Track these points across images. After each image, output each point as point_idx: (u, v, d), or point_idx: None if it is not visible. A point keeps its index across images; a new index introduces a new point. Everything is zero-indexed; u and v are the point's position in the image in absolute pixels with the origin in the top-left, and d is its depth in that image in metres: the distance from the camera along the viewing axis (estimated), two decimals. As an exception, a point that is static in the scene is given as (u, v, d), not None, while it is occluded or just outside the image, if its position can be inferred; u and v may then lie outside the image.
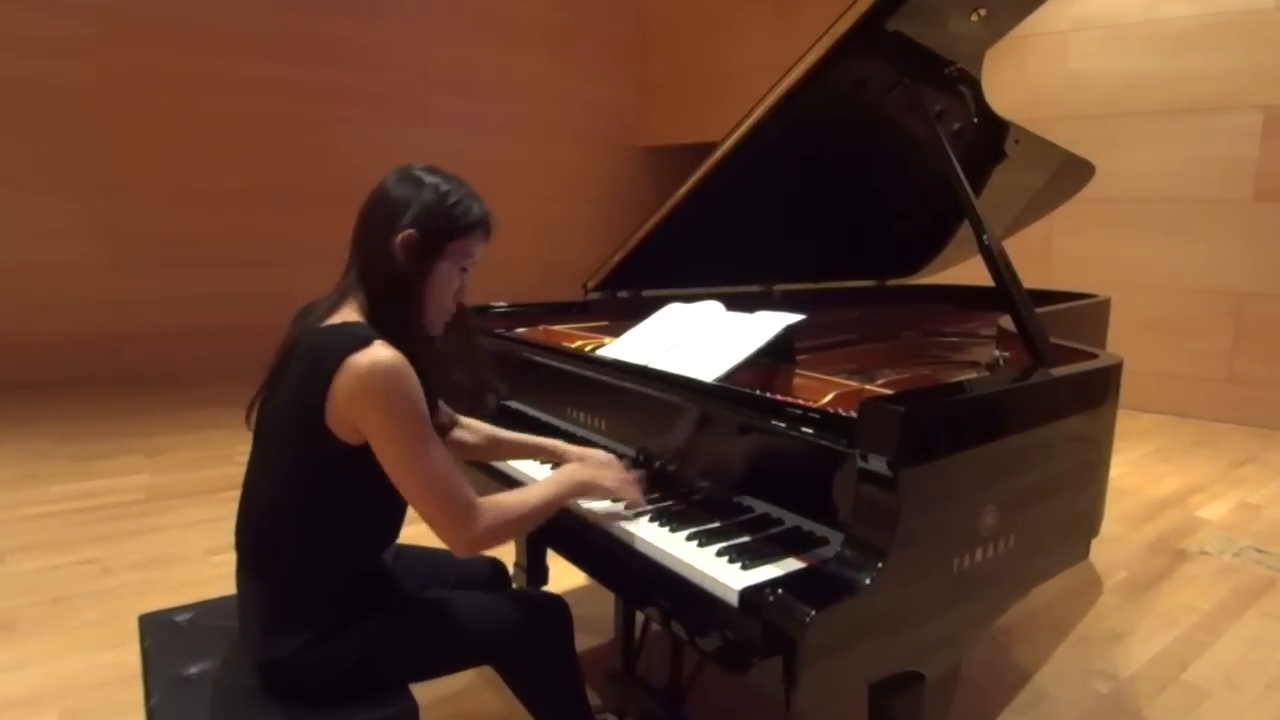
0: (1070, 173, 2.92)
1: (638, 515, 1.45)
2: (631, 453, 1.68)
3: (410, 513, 1.40)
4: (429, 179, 1.34)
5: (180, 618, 1.55)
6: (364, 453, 1.26)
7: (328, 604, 1.33)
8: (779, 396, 1.43)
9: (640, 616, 1.93)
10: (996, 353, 1.88)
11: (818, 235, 2.67)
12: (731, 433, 1.46)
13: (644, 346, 1.78)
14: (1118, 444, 2.03)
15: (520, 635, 1.43)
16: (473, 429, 1.67)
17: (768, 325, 1.67)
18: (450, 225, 1.33)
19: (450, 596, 1.47)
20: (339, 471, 1.28)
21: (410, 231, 1.30)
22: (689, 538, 1.33)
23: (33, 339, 5.41)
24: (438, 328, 1.41)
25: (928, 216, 2.78)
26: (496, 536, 1.31)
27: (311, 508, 1.31)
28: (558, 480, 1.44)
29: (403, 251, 1.31)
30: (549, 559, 2.44)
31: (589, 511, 1.49)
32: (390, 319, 1.31)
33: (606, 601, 2.15)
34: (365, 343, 1.22)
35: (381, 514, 1.40)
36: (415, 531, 1.48)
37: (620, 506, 1.49)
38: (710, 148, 1.96)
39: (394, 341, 1.25)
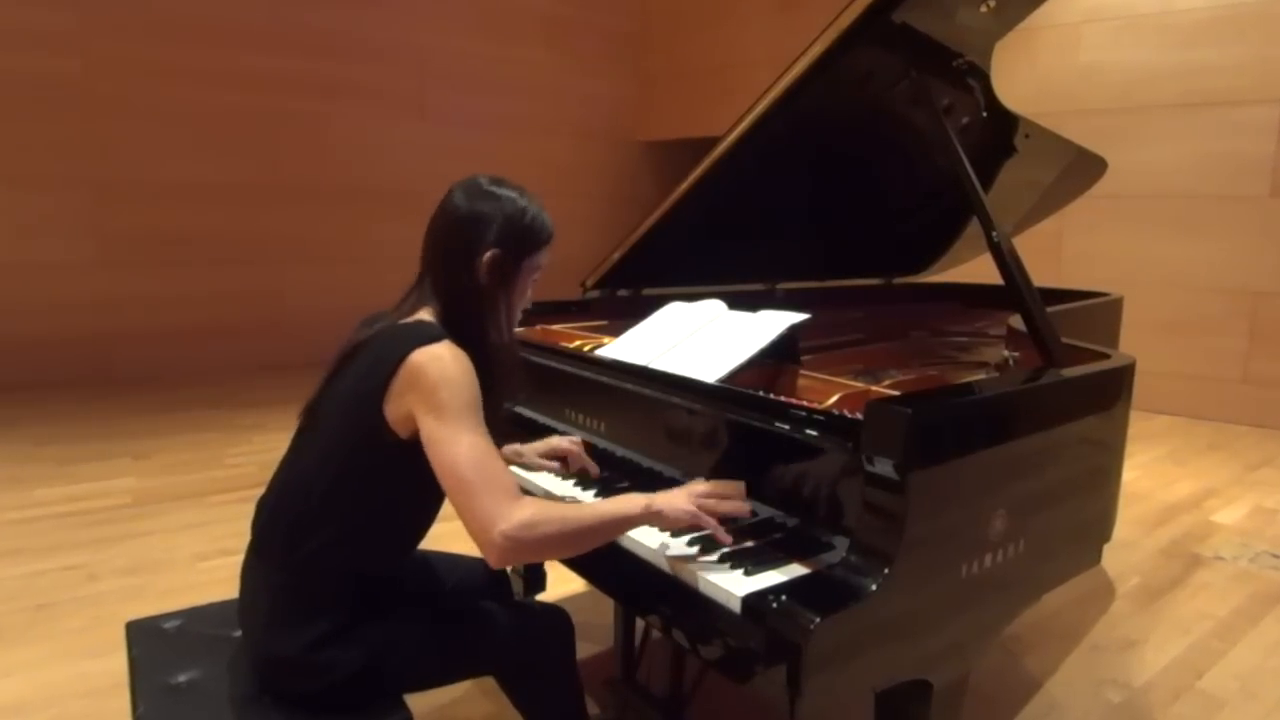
0: (1082, 168, 2.91)
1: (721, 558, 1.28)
2: (632, 455, 1.68)
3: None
4: (503, 193, 1.39)
5: (168, 625, 1.55)
6: (410, 449, 1.28)
7: (338, 603, 1.34)
8: (783, 398, 1.43)
9: (641, 624, 1.93)
10: (1006, 353, 1.87)
11: (822, 232, 2.67)
12: (734, 435, 1.46)
13: (644, 346, 1.78)
14: (1130, 447, 2.03)
15: (522, 647, 1.43)
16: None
17: (771, 325, 1.67)
18: (530, 241, 1.40)
19: (452, 605, 1.48)
20: (383, 465, 1.32)
21: (495, 251, 1.36)
22: (690, 543, 1.33)
23: (17, 339, 5.42)
24: (510, 334, 1.46)
25: (935, 213, 2.78)
26: (536, 535, 1.19)
27: (347, 500, 1.33)
28: (626, 499, 1.30)
29: (487, 270, 1.37)
30: (547, 564, 2.44)
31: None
32: (467, 330, 1.36)
33: (606, 608, 2.15)
34: (435, 340, 1.28)
35: (410, 519, 1.43)
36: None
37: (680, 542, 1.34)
38: (712, 142, 1.95)
39: (468, 349, 1.30)
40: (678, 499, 1.28)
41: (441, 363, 1.25)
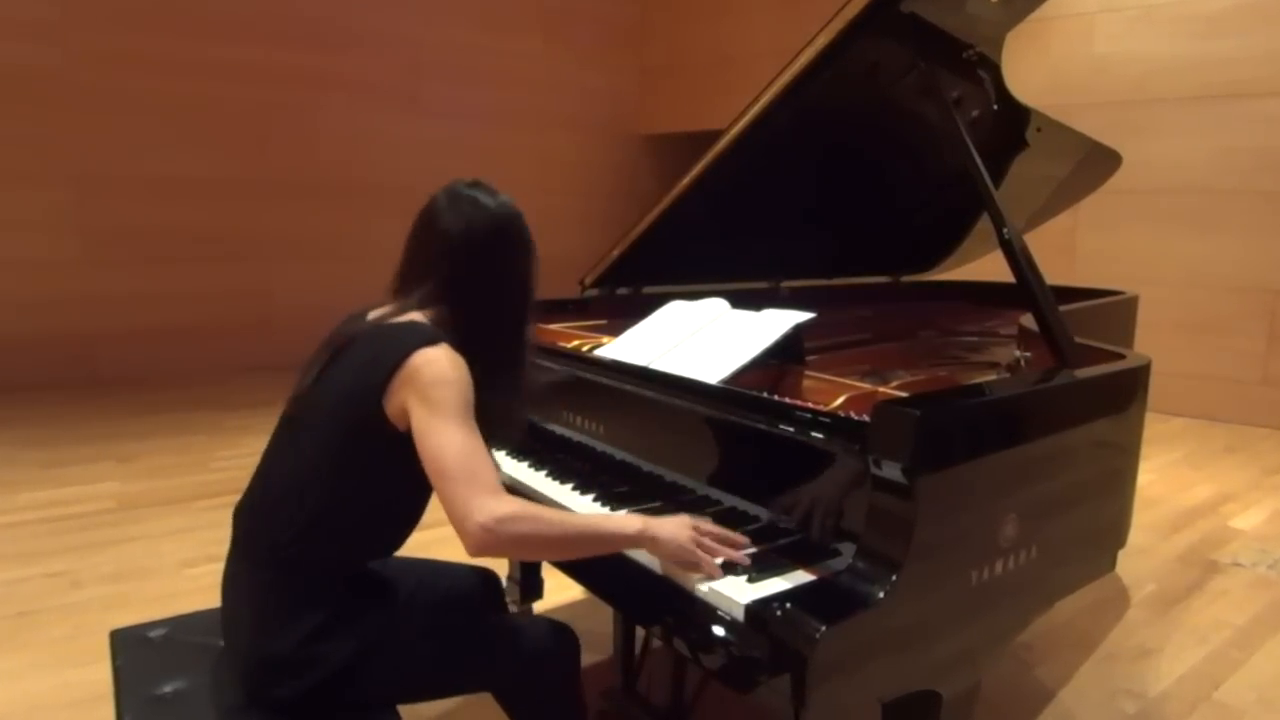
0: (1096, 162, 2.92)
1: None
2: (632, 458, 1.68)
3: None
4: (501, 201, 1.45)
5: (153, 633, 1.56)
6: (407, 440, 1.31)
7: (329, 596, 1.35)
8: (787, 399, 1.43)
9: (640, 632, 1.94)
10: (1018, 353, 1.88)
11: (828, 229, 2.67)
12: (737, 437, 1.46)
13: (644, 346, 1.78)
14: (1145, 449, 2.03)
15: (527, 665, 1.44)
16: None
17: (775, 324, 1.67)
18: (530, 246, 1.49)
19: (457, 617, 1.49)
20: (382, 457, 1.34)
21: (525, 273, 1.47)
22: (692, 549, 1.33)
23: (-2, 338, 5.42)
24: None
25: (945, 209, 2.78)
26: (514, 531, 1.22)
27: (345, 492, 1.35)
28: (622, 517, 1.36)
29: (520, 285, 1.47)
30: (544, 571, 2.44)
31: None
32: (496, 342, 1.43)
33: (605, 616, 2.15)
34: (435, 342, 1.33)
35: (405, 509, 1.45)
36: (416, 540, 1.50)
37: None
38: (714, 136, 1.96)
39: (490, 360, 1.38)
40: (680, 532, 1.28)
41: (440, 365, 1.30)
